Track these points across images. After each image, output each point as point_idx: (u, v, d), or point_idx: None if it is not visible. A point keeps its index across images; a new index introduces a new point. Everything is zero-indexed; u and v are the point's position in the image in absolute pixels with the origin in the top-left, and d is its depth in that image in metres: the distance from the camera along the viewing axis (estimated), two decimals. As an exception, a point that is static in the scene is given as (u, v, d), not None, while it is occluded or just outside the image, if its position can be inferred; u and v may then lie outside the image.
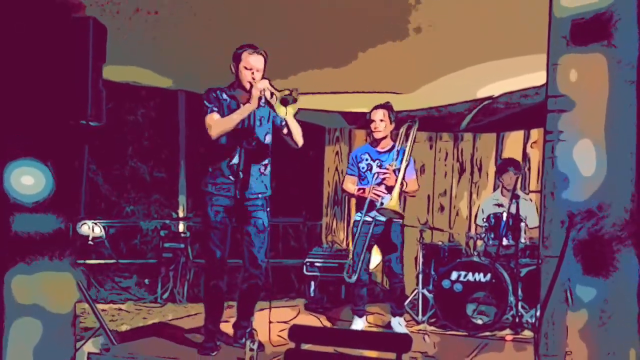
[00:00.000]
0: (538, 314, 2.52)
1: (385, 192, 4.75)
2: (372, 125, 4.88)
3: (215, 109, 4.01)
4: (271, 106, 3.96)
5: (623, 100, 2.36)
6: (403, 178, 4.71)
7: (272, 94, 3.89)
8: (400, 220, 4.94)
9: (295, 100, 3.87)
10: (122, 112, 6.96)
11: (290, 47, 4.84)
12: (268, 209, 4.19)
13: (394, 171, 4.71)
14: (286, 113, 3.89)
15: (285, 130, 4.11)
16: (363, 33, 4.81)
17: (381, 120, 4.85)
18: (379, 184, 4.77)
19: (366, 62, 5.19)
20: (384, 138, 4.91)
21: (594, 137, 2.37)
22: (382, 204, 4.73)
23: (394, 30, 4.81)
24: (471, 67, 5.26)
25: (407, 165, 4.75)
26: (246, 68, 3.99)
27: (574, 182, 2.45)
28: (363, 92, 5.70)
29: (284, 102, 3.87)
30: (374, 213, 4.79)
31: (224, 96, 4.06)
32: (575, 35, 2.41)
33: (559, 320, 2.42)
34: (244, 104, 3.99)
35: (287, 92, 3.87)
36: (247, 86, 3.97)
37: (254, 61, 3.99)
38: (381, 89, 5.56)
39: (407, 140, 4.83)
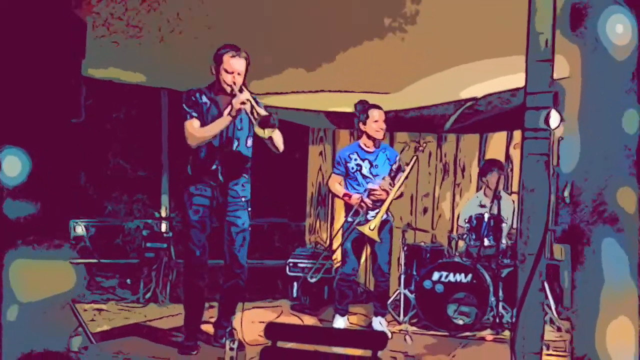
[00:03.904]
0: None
1: (371, 206, 4.74)
2: (377, 125, 4.84)
3: (195, 114, 3.97)
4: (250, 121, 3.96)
5: (598, 89, 2.38)
6: (394, 198, 4.77)
7: (252, 108, 3.87)
8: (392, 219, 4.96)
9: (274, 125, 3.85)
10: (105, 110, 6.91)
11: (275, 45, 4.83)
12: (249, 209, 4.19)
13: (385, 191, 4.72)
14: (264, 133, 3.88)
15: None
16: (348, 33, 4.81)
17: (384, 121, 4.85)
18: (368, 196, 4.77)
19: (351, 62, 5.18)
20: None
21: (570, 129, 2.38)
22: (366, 215, 4.76)
23: (379, 30, 4.81)
24: (455, 68, 5.26)
25: (399, 189, 4.78)
26: (227, 71, 3.94)
27: (552, 178, 2.47)
28: (348, 91, 5.69)
29: (263, 124, 3.85)
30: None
31: (204, 99, 4.02)
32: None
33: (535, 318, 2.43)
34: (224, 108, 3.98)
35: (265, 114, 3.85)
36: (228, 89, 3.94)
37: (235, 64, 3.93)
38: (366, 89, 5.54)
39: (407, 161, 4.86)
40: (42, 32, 3.28)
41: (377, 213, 4.74)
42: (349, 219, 4.84)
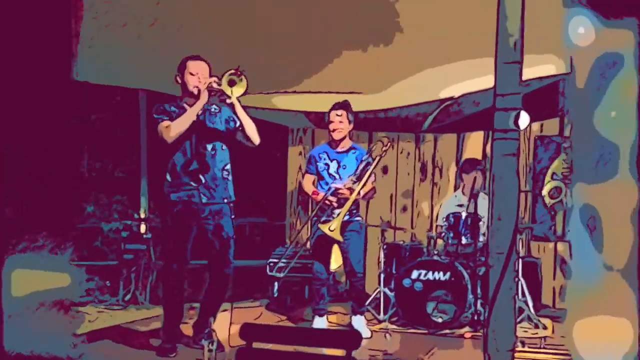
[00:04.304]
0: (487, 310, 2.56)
1: (336, 204, 4.77)
2: (332, 126, 4.89)
3: (166, 117, 4.06)
4: (222, 98, 4.00)
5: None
6: (355, 198, 4.76)
7: (218, 84, 3.96)
8: (361, 219, 4.99)
9: (240, 74, 3.93)
10: (82, 111, 6.85)
11: (255, 47, 4.84)
12: (233, 216, 4.21)
13: (349, 189, 4.74)
14: (237, 90, 3.96)
15: (240, 128, 4.14)
16: (328, 35, 4.84)
17: (340, 122, 4.87)
18: (332, 194, 4.80)
19: (331, 64, 5.21)
20: (343, 138, 4.94)
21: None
22: (331, 213, 4.78)
23: (358, 32, 4.83)
24: (433, 69, 5.31)
25: (363, 186, 4.78)
26: (191, 74, 4.07)
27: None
28: (327, 92, 5.71)
29: (232, 83, 3.97)
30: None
31: (172, 109, 4.11)
32: None
33: (507, 315, 2.46)
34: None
35: (232, 72, 3.94)
36: (195, 91, 4.04)
37: (198, 65, 4.08)
38: (345, 90, 5.57)
39: (372, 159, 4.85)
40: (30, 36, 3.29)
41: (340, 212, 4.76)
42: (315, 218, 4.87)
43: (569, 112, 5.47)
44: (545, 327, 5.16)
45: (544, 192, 5.45)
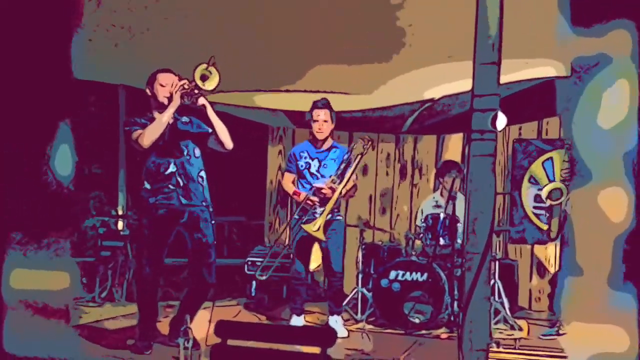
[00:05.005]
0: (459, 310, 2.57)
1: (318, 202, 4.78)
2: (316, 126, 4.87)
3: (137, 127, 4.07)
4: (192, 100, 4.00)
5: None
6: (338, 197, 4.78)
7: (189, 83, 3.96)
8: (341, 219, 5.00)
9: (213, 64, 3.91)
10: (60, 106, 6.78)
11: (235, 43, 4.83)
12: (213, 222, 4.20)
13: (331, 189, 4.74)
14: (211, 82, 3.95)
15: (211, 134, 4.15)
16: (311, 35, 4.84)
17: (325, 121, 4.87)
18: (314, 194, 4.80)
19: (313, 63, 5.22)
20: (326, 138, 4.94)
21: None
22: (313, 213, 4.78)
23: (342, 33, 4.84)
24: (416, 70, 5.33)
25: (345, 186, 4.79)
26: (162, 85, 4.09)
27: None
28: (308, 91, 5.71)
29: (204, 78, 3.95)
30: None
31: (143, 120, 4.12)
32: None
33: (481, 316, 2.47)
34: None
35: (204, 67, 3.93)
36: (166, 101, 4.05)
37: (169, 78, 4.09)
38: (327, 89, 5.58)
39: (353, 158, 4.85)
40: (30, 37, 3.27)
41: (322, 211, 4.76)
42: (295, 217, 4.87)
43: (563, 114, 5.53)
44: (521, 329, 5.20)
45: (544, 192, 5.46)
